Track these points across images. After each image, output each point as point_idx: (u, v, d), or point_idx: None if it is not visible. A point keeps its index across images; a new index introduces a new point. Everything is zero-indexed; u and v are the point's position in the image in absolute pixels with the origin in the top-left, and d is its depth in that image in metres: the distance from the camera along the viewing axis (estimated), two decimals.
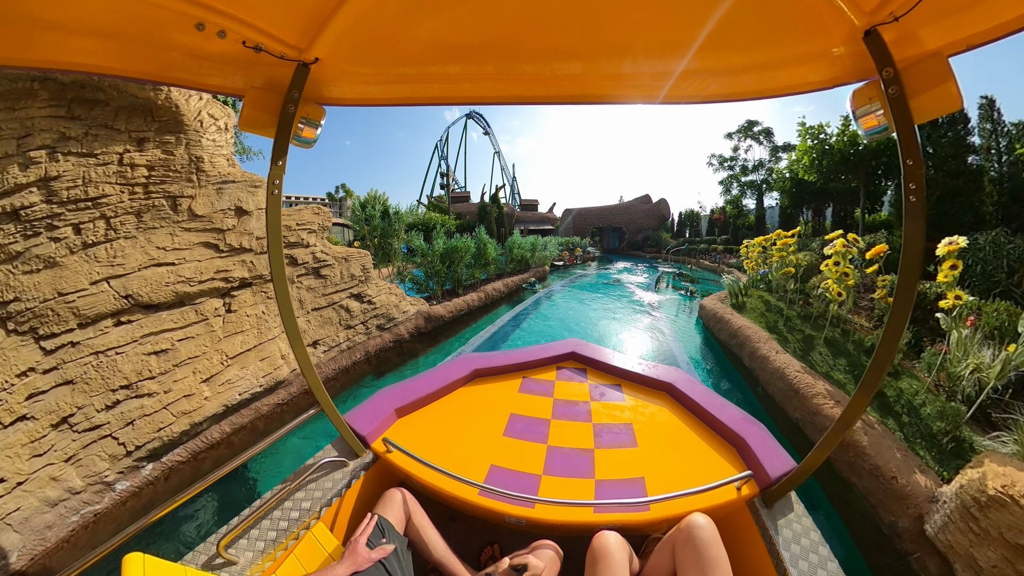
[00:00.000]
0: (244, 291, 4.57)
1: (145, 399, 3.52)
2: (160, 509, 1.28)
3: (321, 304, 5.72)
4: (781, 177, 20.15)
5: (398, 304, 7.33)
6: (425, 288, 9.71)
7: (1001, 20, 0.96)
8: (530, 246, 15.94)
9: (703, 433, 2.11)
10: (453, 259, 9.80)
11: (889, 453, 3.04)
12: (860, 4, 1.07)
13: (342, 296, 6.14)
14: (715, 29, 1.25)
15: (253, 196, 4.78)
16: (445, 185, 45.38)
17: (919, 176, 1.13)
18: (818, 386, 4.09)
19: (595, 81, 1.49)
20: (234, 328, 4.38)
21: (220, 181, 4.38)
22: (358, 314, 6.37)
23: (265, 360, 4.61)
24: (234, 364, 4.28)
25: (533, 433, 2.14)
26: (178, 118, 4.00)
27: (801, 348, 5.35)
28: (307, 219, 5.71)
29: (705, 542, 1.29)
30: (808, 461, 1.52)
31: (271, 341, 4.79)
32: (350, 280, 6.31)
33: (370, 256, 6.79)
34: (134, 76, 1.21)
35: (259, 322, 4.71)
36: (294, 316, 1.57)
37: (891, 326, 1.25)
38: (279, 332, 4.83)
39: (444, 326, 8.47)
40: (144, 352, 3.61)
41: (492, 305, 11.33)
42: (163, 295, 3.80)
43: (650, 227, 39.60)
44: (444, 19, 1.27)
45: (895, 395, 3.79)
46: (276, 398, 4.67)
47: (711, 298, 9.21)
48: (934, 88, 1.06)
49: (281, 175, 1.42)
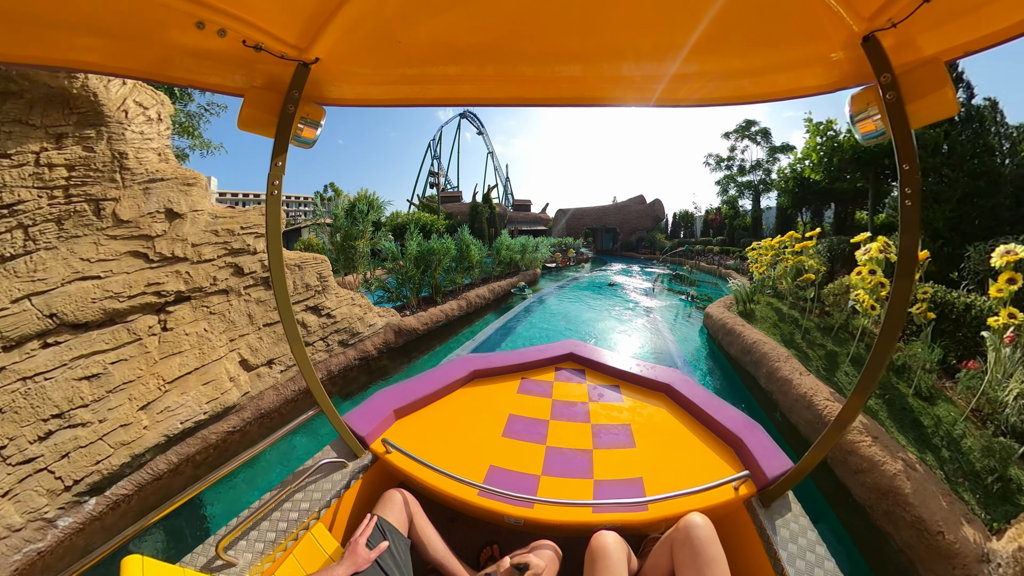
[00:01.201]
0: (181, 306, 4.05)
1: (79, 429, 3.17)
2: (158, 511, 1.27)
3: (274, 319, 5.05)
4: (783, 176, 19.66)
5: (363, 316, 6.53)
6: (398, 296, 8.66)
7: (998, 27, 0.98)
8: (520, 247, 14.85)
9: (701, 433, 2.12)
10: (429, 263, 8.77)
11: (934, 502, 2.59)
12: (859, 10, 1.08)
13: (297, 309, 5.46)
14: (715, 33, 1.26)
15: (186, 196, 4.21)
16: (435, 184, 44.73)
17: (915, 180, 1.14)
18: None
19: (595, 83, 1.49)
20: (171, 349, 3.89)
21: (147, 180, 3.89)
22: (316, 329, 5.67)
23: (209, 384, 4.05)
24: (173, 389, 3.79)
25: (532, 434, 2.15)
26: (98, 108, 3.52)
27: (824, 367, 4.73)
28: (254, 221, 5.01)
29: (703, 541, 1.30)
30: (805, 461, 1.54)
31: (216, 363, 4.22)
32: (305, 290, 5.61)
33: (328, 262, 6.11)
34: (133, 75, 1.21)
35: (200, 341, 4.15)
36: (293, 316, 1.57)
37: (887, 328, 1.26)
38: (225, 352, 4.33)
39: (418, 340, 7.53)
40: (74, 377, 3.22)
41: (475, 314, 10.14)
42: (91, 313, 3.38)
43: (644, 228, 39.10)
44: (445, 20, 1.27)
45: (932, 424, 3.37)
46: (226, 425, 4.14)
47: (716, 305, 8.46)
48: (931, 93, 1.08)
49: (281, 175, 1.42)
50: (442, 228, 30.88)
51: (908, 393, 3.79)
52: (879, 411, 3.63)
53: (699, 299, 12.37)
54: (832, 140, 14.15)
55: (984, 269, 6.45)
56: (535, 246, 16.49)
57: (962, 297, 4.76)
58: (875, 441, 3.14)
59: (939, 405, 3.67)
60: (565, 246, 26.77)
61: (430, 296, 9.19)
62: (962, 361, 4.17)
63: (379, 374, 6.34)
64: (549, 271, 20.70)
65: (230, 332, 4.39)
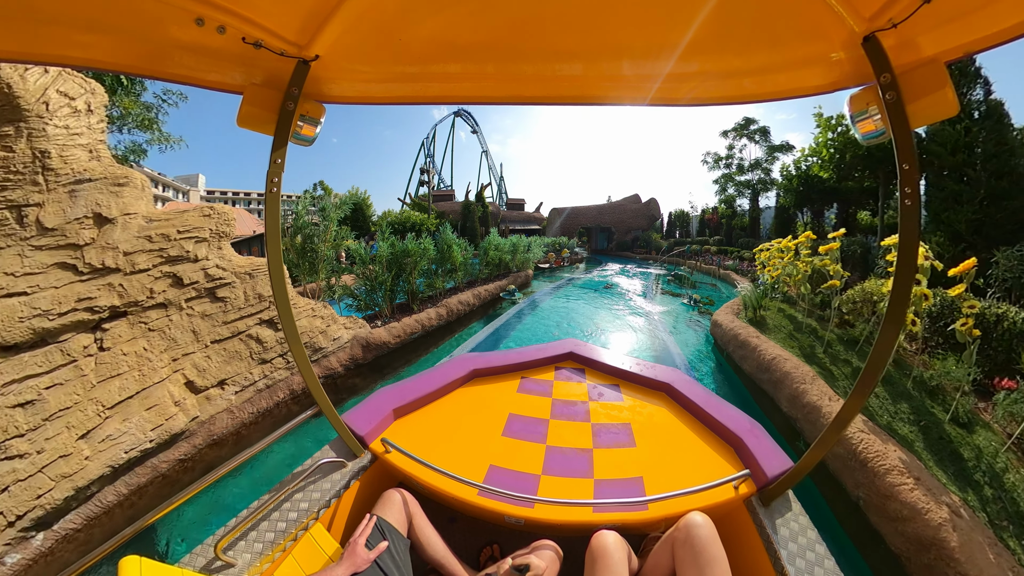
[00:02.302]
0: (118, 323, 3.64)
1: (16, 461, 2.92)
2: (156, 512, 1.27)
3: (223, 335, 4.50)
4: (786, 174, 18.95)
5: (326, 329, 5.84)
6: (368, 305, 7.63)
7: (998, 28, 0.98)
8: (510, 247, 13.82)
9: (701, 433, 2.12)
10: (404, 266, 7.80)
11: (982, 556, 2.32)
12: (859, 10, 1.08)
13: (249, 323, 4.81)
14: (715, 32, 1.26)
15: (117, 198, 3.75)
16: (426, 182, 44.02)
17: (915, 181, 1.15)
18: (889, 454, 2.96)
19: (595, 82, 1.49)
20: (109, 371, 3.50)
21: (73, 181, 3.48)
22: (273, 344, 5.02)
23: (153, 409, 3.63)
24: (114, 416, 3.42)
25: (532, 433, 2.14)
26: (13, 102, 3.20)
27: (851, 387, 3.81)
28: (192, 224, 4.35)
29: (703, 540, 1.30)
30: (805, 460, 1.54)
31: (158, 385, 3.76)
32: (258, 302, 4.93)
33: (286, 268, 5.61)
34: (132, 71, 1.20)
35: (140, 362, 3.70)
36: (292, 316, 1.56)
37: (886, 328, 1.27)
38: (168, 373, 3.90)
39: (391, 355, 6.64)
40: (7, 405, 2.96)
41: (459, 323, 9.10)
42: (19, 333, 3.08)
43: (640, 227, 38.78)
44: (445, 18, 1.27)
45: (973, 457, 3.03)
46: (177, 453, 3.76)
47: (724, 312, 7.66)
48: (931, 94, 1.08)
49: (280, 173, 1.41)
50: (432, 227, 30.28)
51: (944, 419, 3.43)
52: (915, 441, 3.22)
53: (702, 303, 11.58)
54: (844, 135, 13.69)
55: (1013, 276, 6.16)
56: (527, 246, 15.50)
57: (992, 307, 4.37)
58: (917, 484, 2.71)
59: (978, 433, 3.33)
60: (559, 246, 26.13)
61: (407, 303, 8.26)
62: (994, 379, 3.90)
63: (347, 392, 5.77)
64: (542, 272, 20.05)
65: (172, 351, 3.97)
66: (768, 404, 4.90)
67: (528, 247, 15.58)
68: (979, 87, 9.17)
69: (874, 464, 2.98)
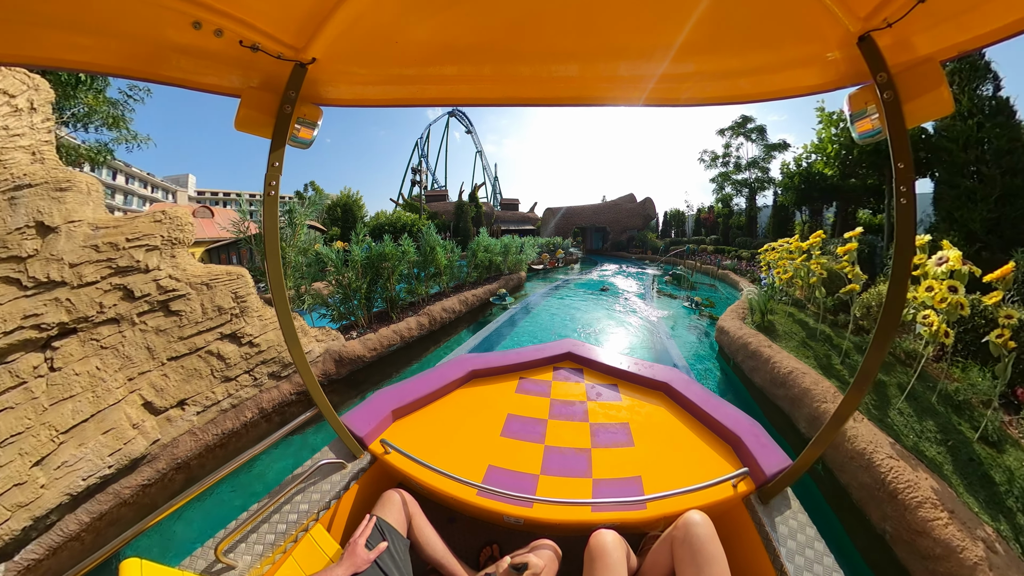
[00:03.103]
0: (68, 341, 3.39)
1: None
2: (157, 514, 1.27)
3: (180, 351, 4.15)
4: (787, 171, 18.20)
5: None
6: (342, 314, 6.99)
7: (993, 26, 0.99)
8: (501, 249, 12.94)
9: (699, 431, 2.13)
10: (381, 271, 7.17)
11: None
12: (854, 10, 1.09)
13: (209, 338, 4.42)
14: (711, 32, 1.26)
15: (60, 204, 3.46)
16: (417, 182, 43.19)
17: (910, 179, 1.15)
18: (921, 484, 2.72)
19: (592, 83, 1.49)
20: (62, 393, 3.27)
21: (12, 188, 3.22)
22: (237, 360, 4.61)
23: (110, 433, 3.40)
24: (69, 441, 3.22)
25: (530, 433, 2.15)
26: None
27: (874, 403, 3.80)
28: (142, 231, 3.99)
29: (702, 539, 1.31)
30: (803, 458, 1.55)
31: (114, 407, 3.51)
32: (217, 315, 4.51)
33: (247, 277, 4.96)
34: (129, 74, 1.20)
35: (94, 382, 3.46)
36: (291, 317, 1.56)
37: (882, 326, 1.27)
38: (124, 394, 3.65)
39: (368, 368, 6.13)
40: None
41: (443, 331, 8.36)
42: None
43: (635, 227, 38.29)
44: (442, 20, 1.27)
45: (1005, 481, 2.83)
46: (140, 478, 3.53)
47: (730, 317, 7.13)
48: (927, 93, 1.09)
49: (278, 176, 1.41)
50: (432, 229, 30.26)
51: (973, 438, 3.20)
52: (944, 464, 2.96)
53: (704, 305, 10.81)
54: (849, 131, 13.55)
55: None
56: (519, 247, 14.64)
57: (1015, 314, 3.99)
58: (952, 518, 2.48)
59: (1008, 452, 3.11)
60: (553, 246, 25.35)
61: (386, 311, 7.58)
62: (1015, 388, 3.71)
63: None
64: (536, 274, 19.45)
65: (127, 370, 3.71)
66: (782, 422, 4.44)
67: (521, 248, 14.79)
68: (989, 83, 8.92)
69: (905, 496, 2.70)
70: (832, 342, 5.40)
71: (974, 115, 8.72)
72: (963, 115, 8.79)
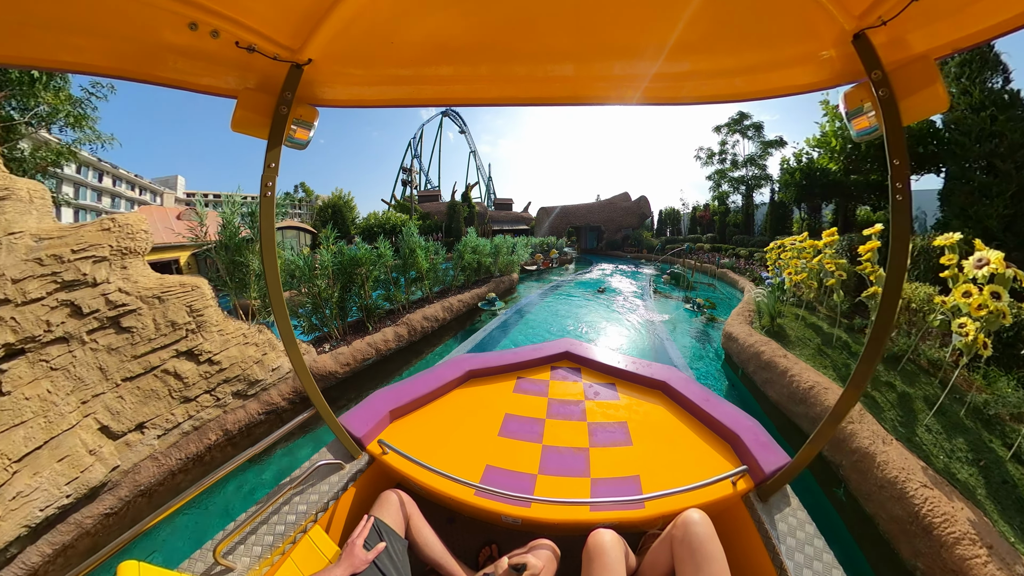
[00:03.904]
0: (16, 363, 3.18)
1: None
2: (155, 516, 1.27)
3: (135, 371, 3.84)
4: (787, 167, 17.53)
5: (262, 358, 4.92)
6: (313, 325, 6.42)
7: (986, 24, 0.99)
8: (491, 250, 12.05)
9: (698, 430, 2.13)
10: (354, 277, 6.66)
11: None
12: (848, 8, 1.09)
13: (163, 356, 4.07)
14: (707, 31, 1.27)
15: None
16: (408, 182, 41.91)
17: (905, 176, 1.16)
18: (958, 518, 2.46)
19: (587, 82, 1.50)
20: (12, 419, 3.08)
21: None
22: (197, 380, 4.26)
23: (65, 460, 3.20)
24: (23, 470, 3.04)
25: (528, 433, 2.15)
26: None
27: (900, 419, 3.48)
28: (89, 241, 3.70)
29: (701, 537, 1.31)
30: (802, 455, 1.55)
31: (68, 433, 3.30)
32: (171, 330, 4.15)
33: (204, 288, 4.53)
34: (125, 75, 1.20)
35: (45, 406, 3.25)
36: (288, 318, 1.56)
37: (879, 323, 1.28)
38: (78, 418, 3.42)
39: (343, 384, 5.68)
40: None
41: (425, 343, 7.61)
42: None
43: (630, 225, 37.51)
44: (438, 20, 1.27)
45: None
46: (102, 507, 3.33)
47: (737, 321, 6.58)
48: (922, 90, 1.09)
49: (274, 177, 1.41)
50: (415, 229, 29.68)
51: (1005, 457, 2.99)
52: (977, 488, 2.75)
53: (706, 307, 10.03)
54: None
55: None
56: (511, 247, 13.82)
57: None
58: (991, 555, 2.30)
59: None
60: (547, 246, 24.63)
61: (362, 321, 7.02)
62: None
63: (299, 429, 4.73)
64: (529, 275, 18.78)
65: (80, 392, 3.48)
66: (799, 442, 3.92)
67: (512, 248, 13.96)
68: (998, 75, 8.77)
69: (941, 531, 2.46)
70: (850, 349, 5.03)
71: (986, 107, 8.44)
72: (975, 107, 8.55)
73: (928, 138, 10.33)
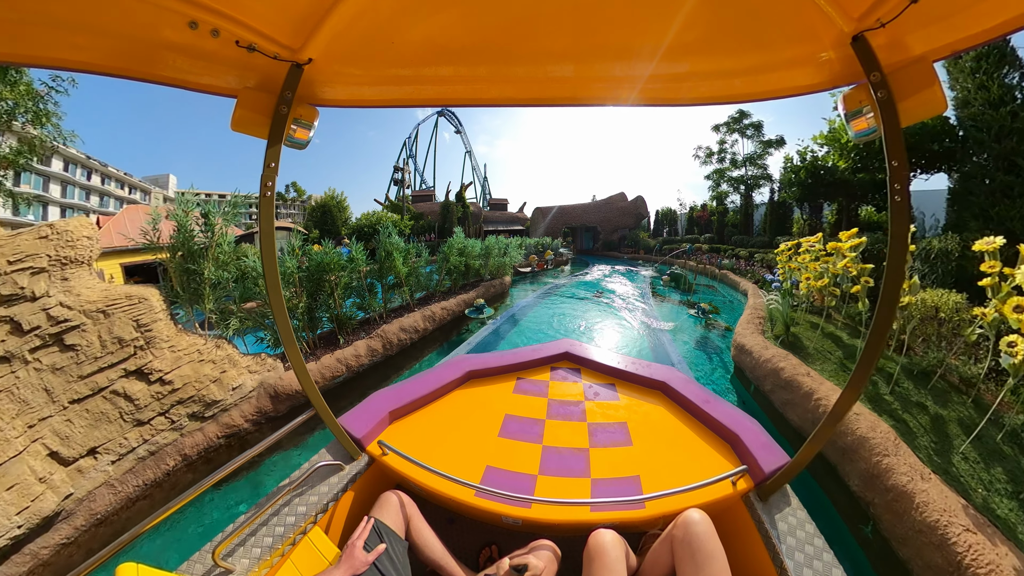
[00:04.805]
0: None
1: None
2: (154, 517, 1.26)
3: (82, 392, 3.56)
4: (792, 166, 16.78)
5: (220, 377, 4.49)
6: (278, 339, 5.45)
7: (984, 27, 1.00)
8: (481, 252, 11.19)
9: (697, 430, 2.14)
10: (322, 284, 6.13)
11: None
12: (847, 10, 1.10)
13: (111, 376, 3.75)
14: (706, 33, 1.28)
15: None
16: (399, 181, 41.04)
17: (904, 177, 1.17)
18: (1003, 564, 2.25)
19: (587, 83, 1.50)
20: None
21: None
22: (149, 401, 3.91)
23: (14, 489, 3.03)
24: None
25: (528, 433, 2.15)
26: None
27: (934, 446, 3.16)
28: (25, 251, 3.44)
29: (701, 537, 1.31)
30: (801, 455, 1.55)
31: (15, 459, 3.12)
32: (118, 348, 3.81)
33: (153, 299, 4.13)
34: (125, 74, 1.19)
35: None
36: (287, 318, 1.56)
37: (878, 324, 1.29)
38: (25, 443, 3.21)
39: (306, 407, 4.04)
40: None
41: (404, 356, 6.84)
42: None
43: (626, 226, 37.11)
44: (438, 21, 1.28)
45: None
46: (57, 537, 3.16)
47: (749, 331, 5.98)
48: (920, 92, 1.10)
49: (274, 177, 1.41)
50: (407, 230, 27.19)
51: None
52: (1017, 524, 2.52)
53: (710, 313, 9.25)
54: None
55: None
56: (503, 248, 13.02)
57: None
58: None
59: None
60: (542, 247, 23.92)
61: (334, 333, 6.45)
62: None
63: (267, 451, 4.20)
64: (524, 277, 17.99)
65: (25, 416, 3.27)
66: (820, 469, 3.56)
67: (505, 250, 13.10)
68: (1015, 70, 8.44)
69: None
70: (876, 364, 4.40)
71: (1006, 103, 8.13)
72: (993, 103, 8.23)
73: (943, 135, 9.78)
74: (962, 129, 9.07)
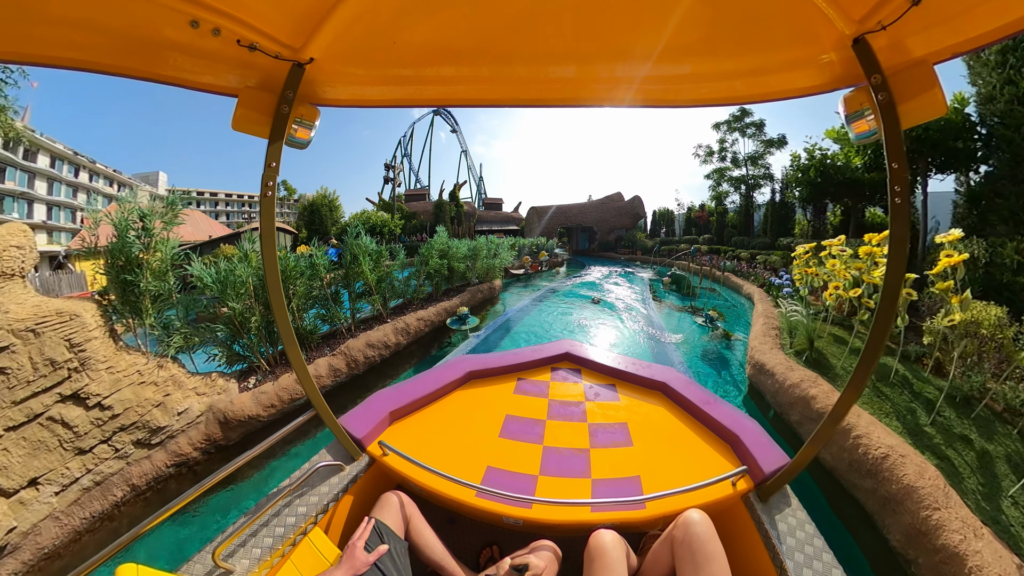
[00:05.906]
0: None
1: None
2: (154, 518, 1.25)
3: (17, 419, 3.28)
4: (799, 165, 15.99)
5: (163, 400, 4.08)
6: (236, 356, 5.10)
7: (985, 29, 1.01)
8: (468, 253, 10.12)
9: (698, 430, 2.14)
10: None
11: None
12: (849, 12, 1.10)
13: (46, 401, 3.44)
14: (708, 35, 1.28)
15: None
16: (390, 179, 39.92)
17: (904, 179, 1.17)
18: None
19: (589, 84, 1.50)
20: None
21: None
22: (89, 428, 3.60)
23: None
24: None
25: (529, 434, 2.15)
26: None
27: (982, 489, 2.87)
28: None
29: (701, 538, 1.31)
30: (801, 455, 1.56)
31: None
32: (51, 371, 3.47)
33: (83, 318, 3.72)
34: (126, 73, 1.19)
35: None
36: (288, 319, 1.55)
37: (878, 325, 1.29)
38: None
39: (268, 429, 4.49)
40: None
41: (375, 374, 6.09)
42: None
43: (623, 226, 36.54)
44: (440, 21, 1.27)
45: None
46: (3, 572, 2.99)
47: (766, 345, 5.43)
48: (921, 94, 1.11)
49: (275, 176, 1.40)
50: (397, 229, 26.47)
51: None
52: None
53: (718, 321, 8.42)
54: None
55: None
56: (493, 249, 12.00)
57: None
58: None
59: None
60: (536, 248, 22.91)
61: None
62: None
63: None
64: (516, 280, 16.84)
65: None
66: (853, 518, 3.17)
67: (495, 251, 12.10)
68: None
69: None
70: (912, 388, 3.96)
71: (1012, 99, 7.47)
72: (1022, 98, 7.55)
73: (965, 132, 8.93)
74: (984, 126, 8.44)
